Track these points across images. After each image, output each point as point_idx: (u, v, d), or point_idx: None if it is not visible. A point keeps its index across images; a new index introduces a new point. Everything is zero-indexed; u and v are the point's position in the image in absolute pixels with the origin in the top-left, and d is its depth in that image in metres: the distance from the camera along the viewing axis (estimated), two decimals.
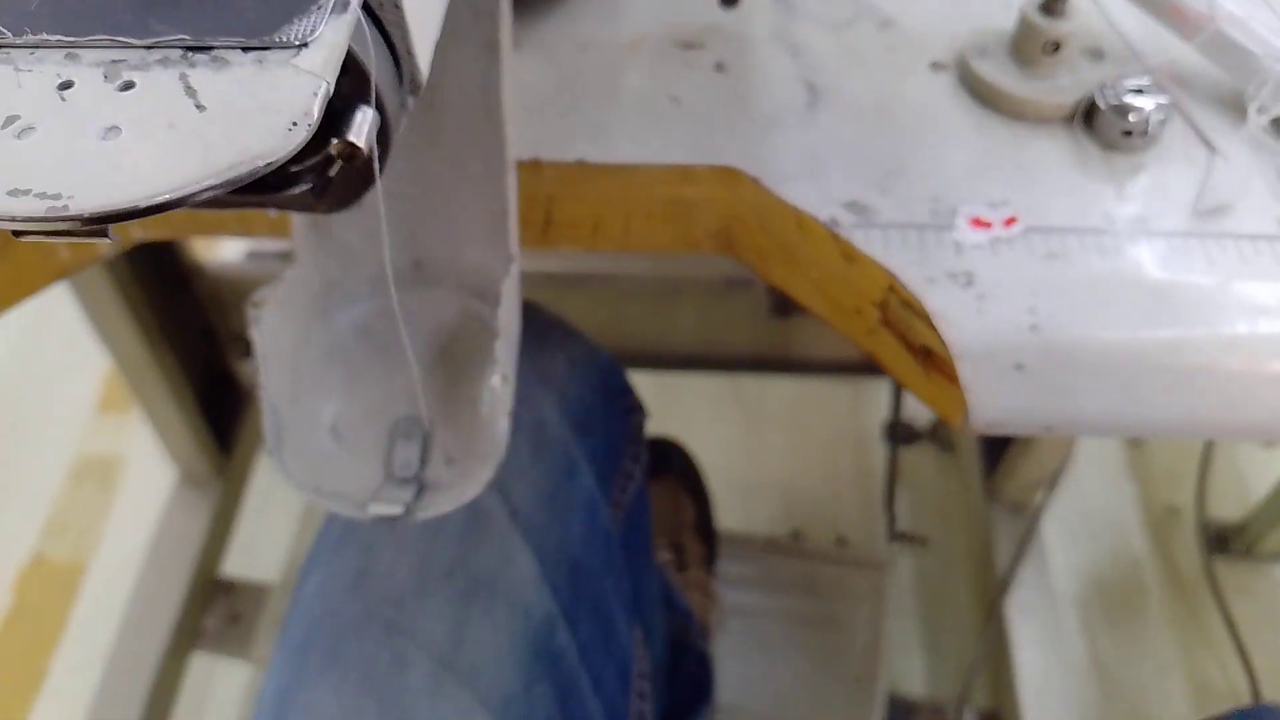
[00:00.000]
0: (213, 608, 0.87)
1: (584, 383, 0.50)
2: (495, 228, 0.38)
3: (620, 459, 0.51)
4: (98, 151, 0.19)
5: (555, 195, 0.40)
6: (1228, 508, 1.04)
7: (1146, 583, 1.02)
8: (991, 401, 0.34)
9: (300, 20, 0.21)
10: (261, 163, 0.19)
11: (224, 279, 0.84)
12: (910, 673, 0.94)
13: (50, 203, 0.18)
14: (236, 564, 0.94)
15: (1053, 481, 0.90)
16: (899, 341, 0.37)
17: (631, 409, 0.54)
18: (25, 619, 0.98)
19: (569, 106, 0.40)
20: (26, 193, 0.18)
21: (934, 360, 0.35)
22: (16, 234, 0.20)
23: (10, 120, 0.20)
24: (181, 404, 0.81)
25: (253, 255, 0.93)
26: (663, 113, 0.40)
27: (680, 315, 0.89)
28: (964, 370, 0.34)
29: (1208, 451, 1.00)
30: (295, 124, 0.19)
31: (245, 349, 0.94)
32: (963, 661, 0.90)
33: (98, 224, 0.19)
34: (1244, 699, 0.91)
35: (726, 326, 0.89)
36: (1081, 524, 1.05)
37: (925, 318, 0.34)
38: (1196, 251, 0.35)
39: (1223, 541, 1.02)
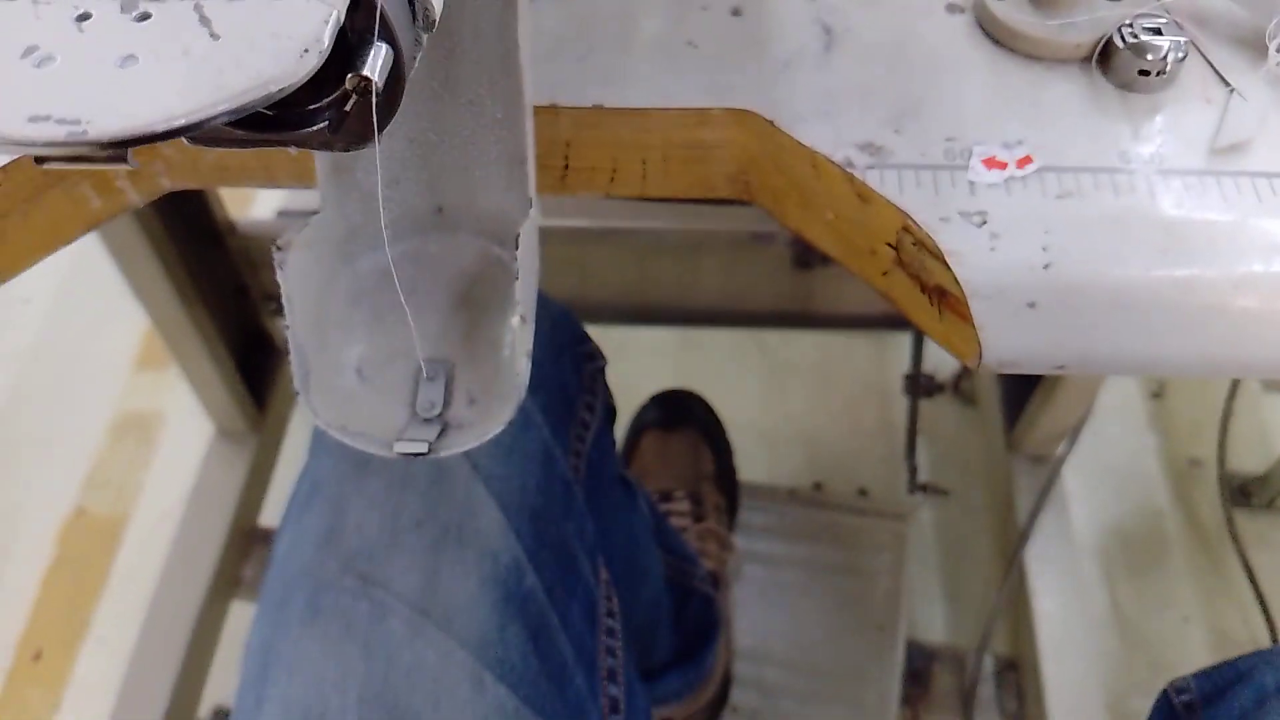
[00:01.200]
0: (250, 558, 0.90)
1: (535, 337, 0.51)
2: (514, 173, 0.39)
3: (575, 409, 0.52)
4: (115, 79, 0.20)
5: (573, 140, 0.40)
6: (1250, 460, 1.03)
7: (1167, 534, 1.03)
8: (1004, 340, 0.35)
9: None
10: (274, 88, 0.20)
11: (256, 237, 0.85)
12: (931, 621, 0.95)
13: (70, 128, 0.19)
14: (273, 516, 0.96)
15: (1074, 433, 0.90)
16: (913, 281, 0.37)
17: (586, 357, 0.55)
18: (69, 570, 1.01)
19: (586, 51, 0.41)
20: (46, 119, 0.19)
21: (948, 300, 0.36)
22: (39, 160, 0.21)
23: (30, 50, 0.20)
24: (217, 360, 0.83)
25: (283, 214, 0.95)
26: (680, 56, 0.40)
27: (704, 269, 0.89)
28: (977, 309, 0.34)
29: (1230, 404, 1.00)
30: (307, 51, 0.20)
31: (279, 306, 0.96)
32: (982, 610, 0.91)
33: (117, 148, 0.20)
34: None
35: (750, 281, 0.90)
36: (1102, 476, 1.05)
37: (939, 257, 0.34)
38: (1212, 190, 0.35)
39: (1245, 494, 1.02)
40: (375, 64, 0.23)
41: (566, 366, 0.53)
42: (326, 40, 0.20)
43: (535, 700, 0.42)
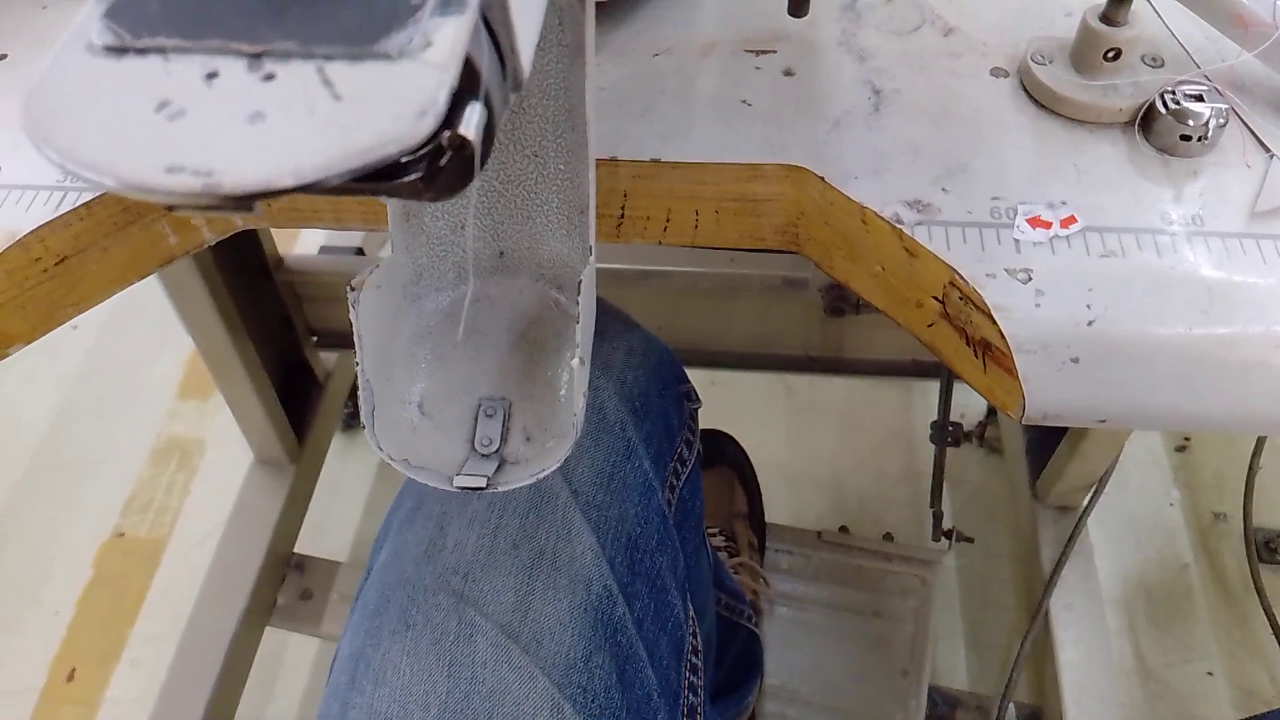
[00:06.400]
0: (285, 584, 0.91)
1: (641, 370, 0.52)
2: (575, 221, 0.40)
3: (675, 444, 0.53)
4: (246, 134, 0.21)
5: (630, 190, 0.42)
6: (1276, 516, 1.03)
7: (1191, 587, 1.03)
8: (1048, 393, 0.36)
9: (424, 20, 0.23)
10: (395, 148, 0.21)
11: (301, 272, 0.87)
12: (954, 667, 0.95)
13: (205, 179, 0.20)
14: (309, 545, 0.98)
15: (1100, 485, 0.90)
16: (958, 334, 0.38)
17: (686, 396, 0.56)
18: (105, 591, 1.03)
19: (645, 108, 0.42)
20: (182, 170, 0.20)
21: (992, 353, 0.37)
22: (169, 208, 0.22)
23: (162, 105, 0.22)
24: (260, 390, 0.85)
25: (325, 249, 0.97)
26: (734, 114, 0.42)
27: (736, 314, 0.91)
28: (1022, 362, 0.35)
29: (1256, 460, 1.00)
30: (424, 113, 0.21)
31: (321, 340, 0.99)
32: (1005, 658, 0.91)
33: (245, 200, 0.21)
34: None
35: (781, 326, 0.91)
36: (1127, 527, 1.05)
37: (986, 311, 0.36)
38: (1253, 252, 0.36)
39: (1270, 549, 1.02)
40: (471, 123, 0.25)
41: (670, 402, 0.53)
42: (443, 104, 0.21)
43: None
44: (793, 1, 0.42)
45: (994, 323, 0.36)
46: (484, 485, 0.38)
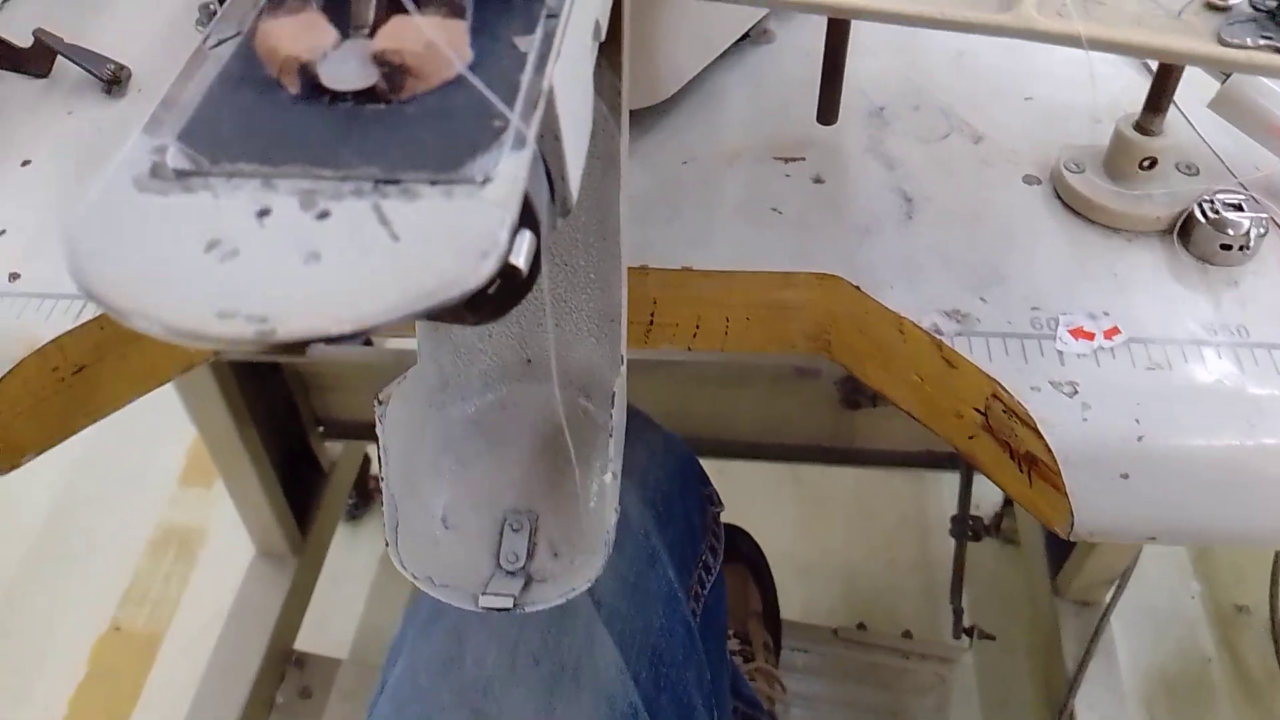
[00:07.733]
0: (285, 682, 0.88)
1: (663, 471, 0.51)
2: (605, 330, 0.39)
3: (699, 550, 0.52)
4: (301, 276, 0.19)
5: (660, 298, 0.41)
6: None
7: (1214, 682, 1.00)
8: (1097, 509, 0.35)
9: (483, 155, 0.22)
10: (456, 291, 0.20)
11: (308, 361, 0.86)
12: None
13: (258, 326, 0.19)
14: (309, 641, 0.95)
15: (1122, 580, 0.88)
16: (1001, 447, 0.37)
17: (709, 500, 0.55)
18: (100, 688, 0.99)
19: (673, 215, 0.42)
20: (235, 315, 0.19)
21: (1038, 467, 0.36)
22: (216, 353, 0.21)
23: (213, 244, 0.20)
24: (263, 479, 0.83)
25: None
26: (764, 221, 0.42)
27: (747, 403, 0.90)
28: (1070, 478, 0.34)
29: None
30: (486, 253, 0.20)
31: (327, 429, 0.98)
32: None
33: (299, 346, 0.20)
34: None
35: (794, 416, 0.90)
36: (1147, 620, 1.03)
37: (1031, 425, 0.35)
38: None
39: None
40: (520, 251, 0.24)
41: (693, 505, 0.52)
42: (505, 243, 0.20)
43: None
44: (822, 109, 0.42)
45: (1040, 437, 0.35)
46: (511, 606, 0.36)
